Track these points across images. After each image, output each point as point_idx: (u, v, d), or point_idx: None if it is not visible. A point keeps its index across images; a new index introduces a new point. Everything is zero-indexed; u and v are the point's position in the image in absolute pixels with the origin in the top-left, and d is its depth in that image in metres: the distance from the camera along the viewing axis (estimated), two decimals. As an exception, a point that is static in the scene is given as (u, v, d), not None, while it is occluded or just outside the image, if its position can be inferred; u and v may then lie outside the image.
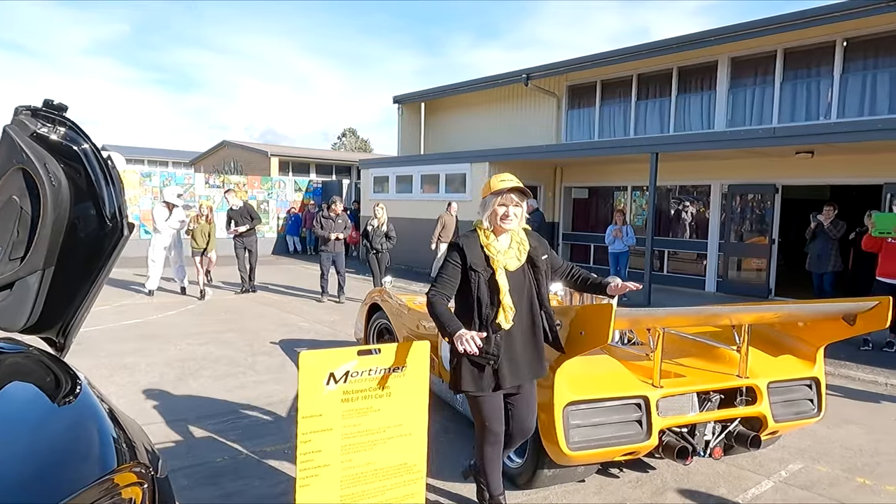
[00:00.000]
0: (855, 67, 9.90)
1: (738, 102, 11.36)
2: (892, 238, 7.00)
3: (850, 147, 8.66)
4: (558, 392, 2.99)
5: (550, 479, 3.33)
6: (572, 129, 14.20)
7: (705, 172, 11.49)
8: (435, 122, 17.50)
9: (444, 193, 13.96)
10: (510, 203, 2.77)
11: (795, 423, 3.68)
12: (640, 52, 12.06)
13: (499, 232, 2.81)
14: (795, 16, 9.82)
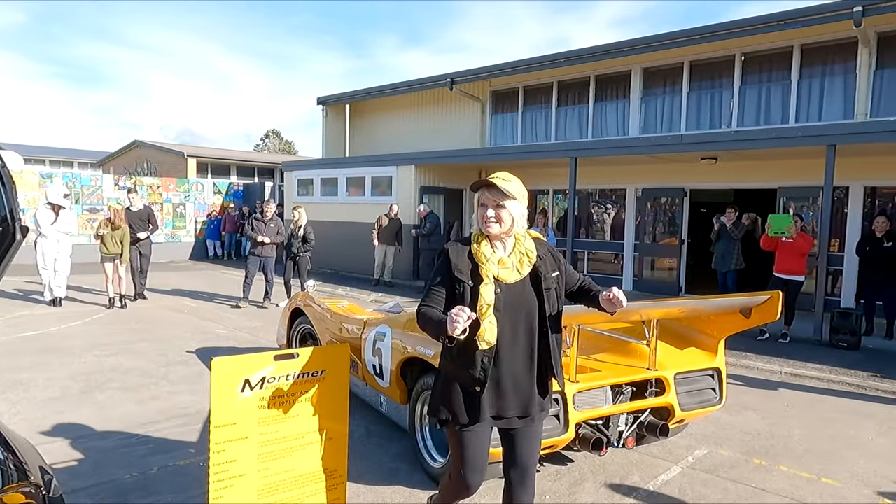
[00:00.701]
0: (752, 80, 10.70)
1: (650, 110, 11.99)
2: (786, 237, 7.62)
3: (749, 154, 9.34)
4: (479, 390, 3.04)
5: (473, 476, 3.37)
6: (496, 133, 14.49)
7: (621, 177, 12.04)
8: (360, 125, 17.36)
9: (370, 196, 13.88)
10: (489, 203, 2.29)
11: (700, 412, 3.92)
12: (559, 61, 12.48)
13: (495, 237, 2.34)
14: (699, 31, 10.50)
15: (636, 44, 11.32)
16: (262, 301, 9.63)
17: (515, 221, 2.31)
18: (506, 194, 2.27)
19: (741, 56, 10.69)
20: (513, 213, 2.30)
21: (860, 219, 9.43)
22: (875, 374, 6.36)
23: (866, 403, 5.51)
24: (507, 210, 2.29)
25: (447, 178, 13.67)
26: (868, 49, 9.31)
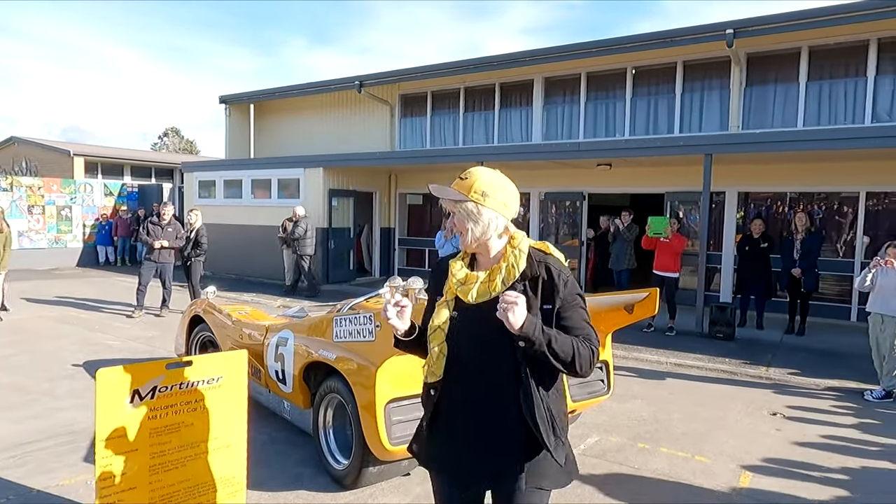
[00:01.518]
0: (641, 93, 11.50)
1: (551, 118, 12.57)
2: (664, 238, 8.29)
3: (639, 161, 10.04)
4: (380, 391, 3.11)
5: (376, 476, 3.45)
6: (406, 136, 14.60)
7: (525, 181, 12.50)
8: (266, 125, 16.88)
9: (276, 199, 13.53)
10: (450, 208, 1.86)
11: (590, 402, 4.21)
12: (466, 67, 12.80)
13: (471, 251, 1.90)
14: (594, 44, 11.16)
15: (537, 54, 11.83)
16: (160, 309, 9.16)
17: (482, 228, 1.80)
18: (457, 196, 1.81)
19: (632, 69, 11.46)
20: (457, 216, 1.84)
21: (735, 221, 10.39)
22: (745, 362, 7.05)
23: (737, 388, 6.11)
24: (454, 215, 1.85)
25: (357, 180, 13.60)
26: (739, 68, 10.30)
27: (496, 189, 1.82)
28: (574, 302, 1.78)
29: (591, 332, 1.77)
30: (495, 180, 1.84)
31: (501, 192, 1.83)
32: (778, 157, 9.15)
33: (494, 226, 1.82)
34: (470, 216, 1.80)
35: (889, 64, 9.32)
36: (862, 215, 9.47)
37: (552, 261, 1.82)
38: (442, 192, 1.85)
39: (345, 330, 3.45)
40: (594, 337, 1.76)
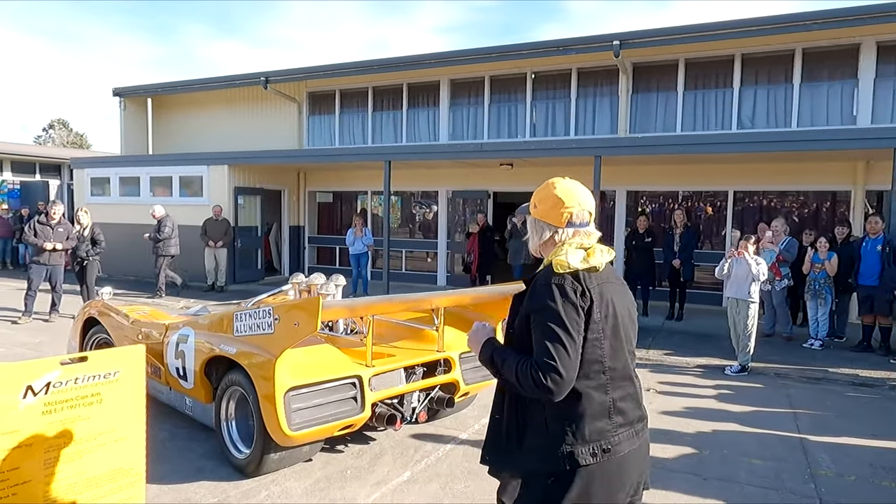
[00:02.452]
0: (540, 96, 12.17)
1: (458, 119, 12.99)
2: None
3: (538, 161, 10.65)
4: (279, 380, 3.29)
5: (278, 462, 3.62)
6: (314, 134, 14.54)
7: (434, 180, 12.89)
8: (167, 120, 16.19)
9: (178, 197, 13.08)
10: None
11: (482, 384, 4.57)
12: (373, 67, 12.96)
13: None
14: (496, 49, 11.69)
15: (442, 57, 12.20)
16: (48, 314, 8.67)
17: (536, 238, 1.94)
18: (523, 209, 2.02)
19: (532, 74, 12.10)
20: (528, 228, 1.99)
21: (625, 217, 11.27)
22: (629, 345, 7.76)
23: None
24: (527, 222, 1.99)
25: (264, 178, 13.41)
26: (627, 76, 11.17)
27: (542, 198, 1.93)
28: (537, 319, 1.74)
29: (542, 353, 1.69)
30: (544, 189, 1.93)
31: (547, 200, 1.90)
32: (660, 159, 10.04)
33: (540, 234, 1.91)
34: (531, 227, 1.97)
35: (750, 77, 10.48)
36: (730, 212, 10.59)
37: (546, 269, 1.82)
38: (522, 209, 2.08)
39: (245, 324, 3.59)
40: (542, 359, 1.68)
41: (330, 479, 3.67)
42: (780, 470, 3.99)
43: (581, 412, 1.74)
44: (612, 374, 1.79)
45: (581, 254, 1.83)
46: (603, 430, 1.76)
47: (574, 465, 1.73)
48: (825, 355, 7.33)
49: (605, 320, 1.77)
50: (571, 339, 1.69)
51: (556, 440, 1.75)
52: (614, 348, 1.79)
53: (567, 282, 1.75)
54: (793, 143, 8.75)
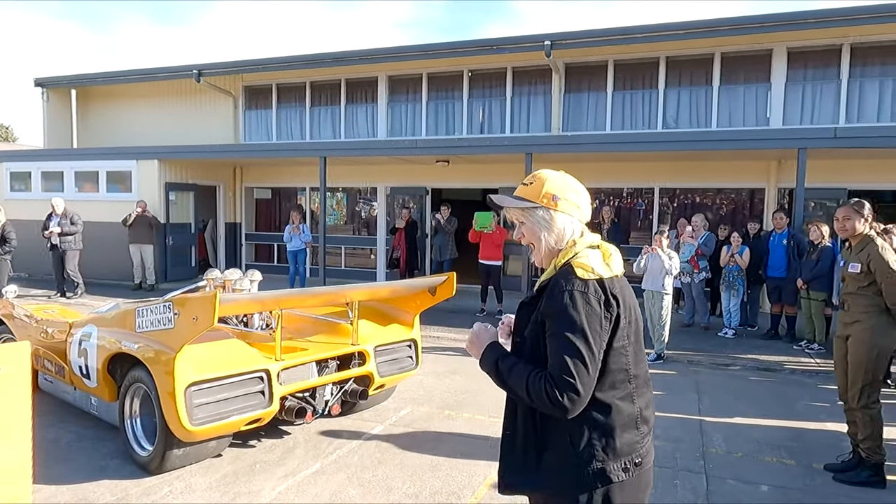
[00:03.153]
0: (476, 94, 12.32)
1: (396, 115, 13.01)
2: (488, 231, 9.10)
3: (473, 158, 10.81)
4: (179, 375, 3.27)
5: (182, 458, 3.59)
6: (251, 129, 14.26)
7: (373, 176, 12.87)
8: (94, 113, 15.53)
9: (106, 193, 12.60)
10: (516, 219, 1.78)
11: (398, 377, 4.66)
12: (310, 62, 12.81)
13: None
14: (431, 47, 11.79)
15: (379, 53, 12.20)
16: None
17: (557, 236, 1.70)
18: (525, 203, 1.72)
19: (468, 72, 12.25)
20: (526, 225, 1.73)
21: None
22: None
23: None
24: (523, 225, 1.75)
25: (198, 174, 13.07)
26: (559, 76, 11.46)
27: (567, 190, 1.71)
28: (555, 329, 1.56)
29: (559, 368, 1.52)
30: (565, 181, 1.73)
31: (573, 193, 1.71)
32: (590, 157, 10.36)
33: (570, 231, 1.69)
34: (542, 224, 1.69)
35: (674, 79, 10.94)
36: (656, 208, 11.04)
37: (564, 270, 1.63)
38: (505, 202, 1.74)
39: (146, 320, 3.54)
40: (559, 374, 1.51)
41: (237, 474, 3.67)
42: (677, 449, 4.23)
43: (611, 425, 1.59)
44: (636, 382, 1.65)
45: (598, 255, 1.66)
46: (632, 443, 1.62)
47: (605, 483, 1.58)
48: (737, 343, 7.76)
49: (629, 326, 1.64)
50: (592, 354, 1.52)
51: (584, 457, 1.58)
52: (637, 354, 1.66)
53: (590, 289, 1.57)
54: (711, 142, 9.21)
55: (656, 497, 3.50)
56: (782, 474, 3.87)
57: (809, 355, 7.16)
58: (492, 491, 3.54)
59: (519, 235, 1.76)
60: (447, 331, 8.18)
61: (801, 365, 6.73)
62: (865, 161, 9.43)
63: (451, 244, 10.15)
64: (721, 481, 3.73)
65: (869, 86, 9.87)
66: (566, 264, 1.63)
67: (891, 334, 3.70)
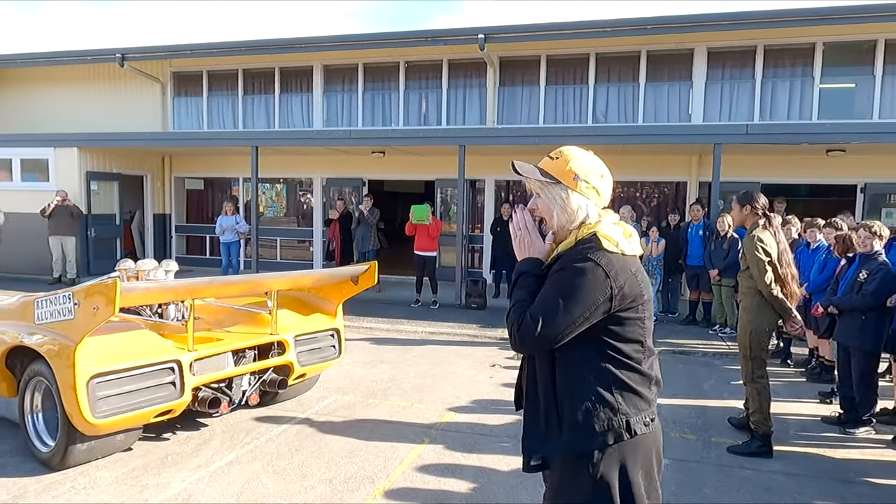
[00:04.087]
0: (413, 86, 12.33)
1: (332, 105, 12.84)
2: (425, 223, 9.16)
3: (409, 150, 10.82)
4: (80, 367, 3.17)
5: (87, 453, 3.48)
6: (181, 117, 13.75)
7: (308, 167, 12.68)
8: (9, 97, 14.59)
9: (20, 182, 11.90)
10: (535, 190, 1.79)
11: (321, 366, 4.65)
12: (241, 49, 12.46)
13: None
14: (365, 37, 11.74)
15: (313, 42, 12.01)
16: None
17: (569, 216, 1.69)
18: (547, 178, 1.72)
19: (405, 63, 12.23)
20: (542, 199, 1.74)
21: (493, 205, 11.76)
22: (486, 326, 8.14)
23: (474, 348, 7.08)
24: (538, 198, 1.76)
25: (123, 163, 12.52)
26: (494, 69, 11.61)
27: (591, 173, 1.70)
28: (553, 276, 1.64)
29: (540, 308, 1.60)
30: (591, 162, 1.72)
31: (596, 177, 1.71)
32: (523, 150, 10.55)
33: (584, 214, 1.69)
34: (556, 201, 1.70)
35: (603, 75, 11.28)
36: (587, 200, 11.36)
37: (587, 239, 1.65)
38: (528, 171, 1.74)
39: (46, 311, 3.41)
40: (538, 313, 1.59)
41: (147, 467, 3.60)
42: (588, 429, 4.42)
43: (632, 383, 1.65)
44: (647, 353, 1.70)
45: (620, 231, 1.69)
46: (649, 400, 1.68)
47: (630, 435, 1.62)
48: (657, 329, 7.98)
49: (648, 302, 1.68)
50: (569, 316, 1.57)
51: (609, 411, 1.62)
52: (650, 327, 1.71)
53: (604, 261, 1.59)
54: (637, 136, 9.59)
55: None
56: (683, 448, 4.12)
57: (722, 338, 7.60)
58: (406, 473, 3.61)
59: (533, 206, 1.76)
60: (380, 322, 8.21)
61: (712, 348, 7.14)
62: (778, 157, 10.05)
63: (374, 235, 10.20)
64: (626, 456, 3.93)
65: (781, 86, 10.50)
66: (591, 234, 1.64)
67: (764, 314, 3.97)
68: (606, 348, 1.65)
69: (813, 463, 3.92)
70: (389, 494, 3.35)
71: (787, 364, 6.44)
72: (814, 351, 6.12)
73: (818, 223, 6.20)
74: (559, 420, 1.66)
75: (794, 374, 6.15)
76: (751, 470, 3.78)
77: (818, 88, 10.27)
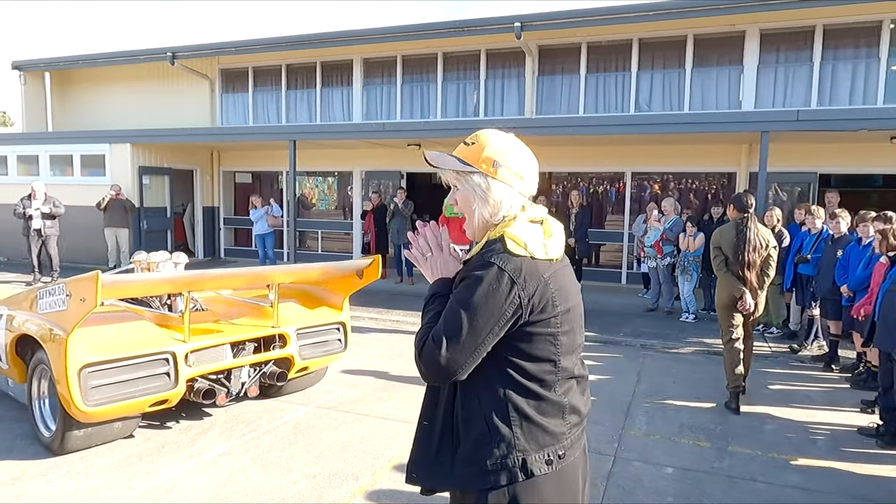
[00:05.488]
0: (450, 77, 12.19)
1: (371, 98, 12.89)
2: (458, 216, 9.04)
3: (444, 142, 10.69)
4: (71, 356, 3.26)
5: (84, 439, 3.60)
6: (228, 112, 14.17)
7: (349, 160, 12.79)
8: (71, 96, 15.45)
9: (80, 177, 12.59)
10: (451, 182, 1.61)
11: (324, 360, 4.65)
12: (285, 44, 12.70)
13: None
14: (403, 29, 11.74)
15: (352, 35, 12.07)
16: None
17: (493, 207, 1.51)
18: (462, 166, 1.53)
19: (442, 54, 12.11)
20: (460, 192, 1.56)
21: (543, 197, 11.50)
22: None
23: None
24: (457, 190, 1.58)
25: (173, 158, 13.02)
26: (532, 58, 11.32)
27: (509, 155, 1.50)
28: (458, 292, 1.44)
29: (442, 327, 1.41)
30: (509, 144, 1.52)
31: (516, 160, 1.51)
32: (563, 141, 10.25)
33: (509, 204, 1.50)
34: (476, 192, 1.51)
35: (647, 61, 10.79)
36: (628, 192, 10.95)
37: (494, 241, 1.47)
38: (441, 161, 1.54)
39: (46, 302, 3.53)
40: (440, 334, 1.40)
41: (142, 455, 3.69)
42: (594, 432, 4.22)
43: (534, 413, 1.45)
44: (562, 375, 1.48)
45: (538, 232, 1.48)
46: (557, 434, 1.47)
47: (526, 476, 1.43)
48: (695, 327, 7.74)
49: (565, 314, 1.47)
50: (474, 334, 1.38)
51: (504, 446, 1.43)
52: (570, 345, 1.49)
53: (509, 267, 1.40)
54: (680, 125, 9.10)
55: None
56: (692, 456, 3.86)
57: (765, 339, 7.14)
58: (392, 473, 3.54)
59: (452, 201, 1.58)
60: (407, 315, 8.18)
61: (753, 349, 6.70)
62: (837, 145, 9.33)
63: (409, 227, 10.15)
64: (627, 463, 3.73)
65: (842, 68, 9.74)
66: (499, 236, 1.45)
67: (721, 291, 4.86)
68: (510, 368, 1.44)
69: (835, 478, 3.58)
70: (370, 495, 3.30)
71: (830, 368, 5.97)
72: (861, 356, 5.63)
73: (869, 216, 5.68)
74: (453, 450, 1.47)
75: (839, 380, 5.69)
76: (763, 483, 3.50)
77: (885, 71, 9.45)
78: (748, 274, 4.66)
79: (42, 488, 3.25)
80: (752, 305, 4.69)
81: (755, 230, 4.71)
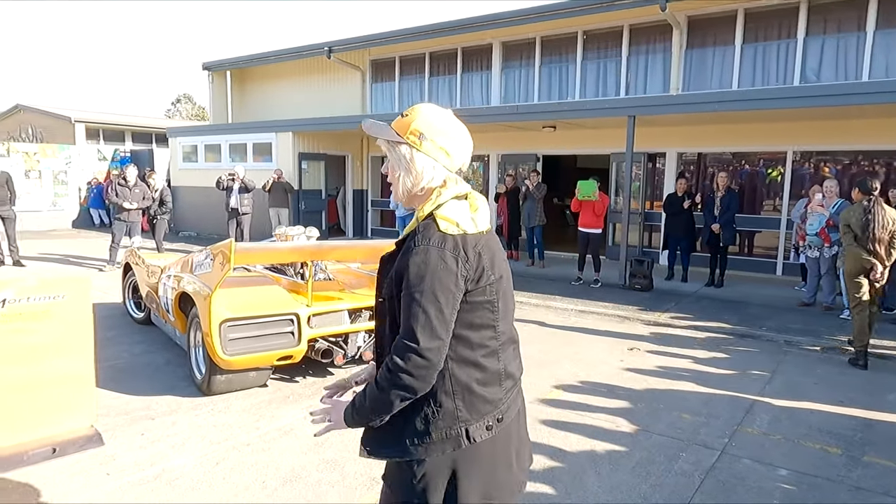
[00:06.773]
0: (591, 56, 11.79)
1: (509, 82, 12.95)
2: (591, 199, 8.82)
3: (579, 122, 10.46)
4: (214, 312, 3.83)
5: (226, 384, 4.19)
6: (377, 101, 15.11)
7: (485, 143, 12.93)
8: (247, 91, 17.48)
9: (252, 162, 14.26)
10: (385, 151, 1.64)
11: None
12: (428, 32, 13.19)
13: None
14: (543, 9, 11.50)
15: (492, 19, 12.17)
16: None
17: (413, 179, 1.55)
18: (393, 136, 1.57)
19: (582, 33, 11.76)
20: (390, 161, 1.60)
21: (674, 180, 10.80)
22: (644, 309, 7.63)
23: (620, 330, 6.72)
24: (388, 160, 1.62)
25: (328, 144, 14.21)
26: (680, 31, 10.56)
27: (436, 131, 1.53)
28: (405, 286, 1.45)
29: (404, 333, 1.43)
30: (438, 120, 1.55)
31: (442, 136, 1.54)
32: (710, 118, 9.51)
33: (429, 177, 1.54)
34: (401, 162, 1.55)
35: (818, 26, 9.54)
36: (789, 174, 9.84)
37: (425, 223, 1.50)
38: (375, 130, 1.60)
39: (198, 264, 4.16)
40: (409, 330, 1.42)
41: (271, 402, 4.21)
42: (705, 425, 3.99)
43: (474, 383, 1.51)
44: (502, 339, 1.57)
45: (465, 207, 1.53)
46: (495, 401, 1.54)
47: (469, 442, 1.50)
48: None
49: (499, 282, 1.54)
50: (442, 316, 1.42)
51: (448, 416, 1.49)
52: (505, 310, 1.57)
53: (448, 245, 1.45)
54: (864, 94, 7.91)
55: (646, 465, 3.40)
56: (816, 461, 3.49)
57: None
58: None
59: (385, 169, 1.63)
60: (533, 297, 8.20)
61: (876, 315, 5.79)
62: None
63: (540, 211, 10.10)
64: (735, 459, 3.49)
65: None
66: (429, 216, 1.50)
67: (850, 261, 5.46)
68: (454, 340, 1.48)
69: None
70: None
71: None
72: None
73: None
74: (403, 423, 1.52)
75: None
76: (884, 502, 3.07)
77: None
78: (878, 247, 5.29)
79: (191, 420, 3.87)
80: (883, 275, 5.34)
81: (881, 211, 5.33)
